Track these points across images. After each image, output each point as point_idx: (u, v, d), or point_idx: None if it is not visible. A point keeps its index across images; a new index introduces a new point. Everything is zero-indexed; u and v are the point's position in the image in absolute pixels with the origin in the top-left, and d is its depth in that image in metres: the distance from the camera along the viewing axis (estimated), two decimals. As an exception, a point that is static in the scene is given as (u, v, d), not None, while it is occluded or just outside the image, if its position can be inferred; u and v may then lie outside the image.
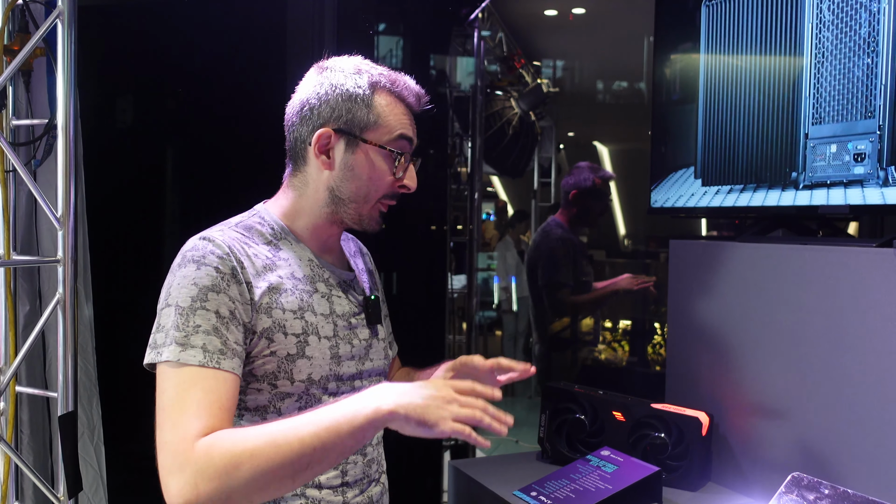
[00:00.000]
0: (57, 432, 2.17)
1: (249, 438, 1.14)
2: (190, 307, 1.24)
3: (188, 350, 1.21)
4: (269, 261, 1.36)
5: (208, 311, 1.24)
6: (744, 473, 1.75)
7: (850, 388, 1.52)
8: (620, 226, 8.48)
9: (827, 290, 1.58)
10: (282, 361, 1.32)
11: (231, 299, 1.27)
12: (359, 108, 1.37)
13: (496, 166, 5.27)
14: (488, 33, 5.05)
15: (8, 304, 2.31)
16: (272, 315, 1.31)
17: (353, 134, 1.38)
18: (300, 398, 1.35)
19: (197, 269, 1.27)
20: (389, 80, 1.40)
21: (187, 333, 1.22)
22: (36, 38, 2.08)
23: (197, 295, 1.25)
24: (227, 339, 1.25)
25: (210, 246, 1.29)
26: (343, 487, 1.40)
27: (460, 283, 5.04)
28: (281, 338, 1.32)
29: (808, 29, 1.68)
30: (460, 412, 1.16)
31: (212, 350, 1.23)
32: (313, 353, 1.35)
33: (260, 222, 1.42)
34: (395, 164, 1.39)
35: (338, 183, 1.40)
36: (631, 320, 5.34)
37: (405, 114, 1.42)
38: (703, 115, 1.97)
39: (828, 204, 1.67)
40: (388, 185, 1.41)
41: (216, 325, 1.24)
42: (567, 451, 1.88)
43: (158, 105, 3.00)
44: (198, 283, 1.26)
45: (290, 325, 1.33)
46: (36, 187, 2.11)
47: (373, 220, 1.43)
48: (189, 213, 2.96)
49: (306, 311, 1.36)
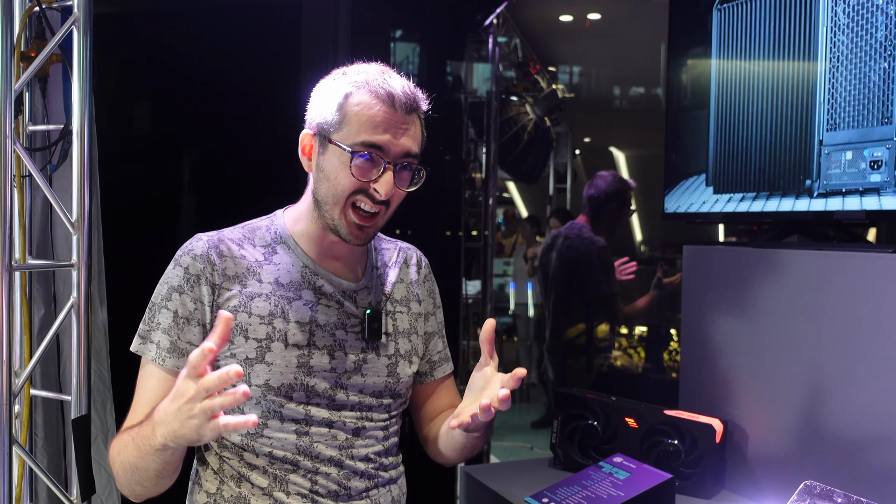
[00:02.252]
0: (71, 435, 2.18)
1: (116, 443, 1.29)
2: (159, 304, 1.37)
3: (146, 344, 1.36)
4: (255, 264, 1.40)
5: (169, 310, 1.36)
6: (757, 481, 1.73)
7: (866, 395, 1.50)
8: (637, 232, 8.45)
9: (843, 297, 1.56)
10: (240, 364, 1.34)
11: (194, 300, 1.35)
12: (329, 108, 1.35)
13: (511, 172, 5.25)
14: (504, 39, 5.05)
15: (23, 307, 2.32)
16: (237, 318, 1.36)
17: (322, 135, 1.36)
18: (259, 403, 1.36)
19: (173, 268, 1.38)
20: (367, 80, 1.35)
21: (150, 328, 1.36)
22: (52, 44, 2.10)
23: (166, 293, 1.37)
24: (177, 338, 1.35)
25: (193, 244, 1.39)
26: (312, 495, 1.39)
27: (475, 288, 5.03)
28: (241, 341, 1.36)
29: (823, 32, 1.66)
30: (205, 407, 1.05)
31: (162, 348, 1.35)
32: (274, 360, 1.36)
33: (267, 225, 1.46)
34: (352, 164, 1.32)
35: (316, 185, 1.39)
36: (647, 326, 5.31)
37: (380, 114, 1.33)
38: (714, 121, 1.94)
39: (843, 210, 1.64)
40: (350, 186, 1.33)
41: (171, 325, 1.35)
42: (579, 457, 1.87)
43: (174, 112, 3.02)
44: (169, 281, 1.38)
45: (253, 329, 1.36)
46: (51, 192, 2.13)
47: (345, 230, 1.37)
48: (203, 219, 2.97)
49: (277, 317, 1.37)
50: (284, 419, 1.37)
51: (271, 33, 3.02)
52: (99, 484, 2.38)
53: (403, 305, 1.53)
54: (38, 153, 2.35)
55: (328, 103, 1.36)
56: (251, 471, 1.38)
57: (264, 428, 1.37)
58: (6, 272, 1.95)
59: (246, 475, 1.38)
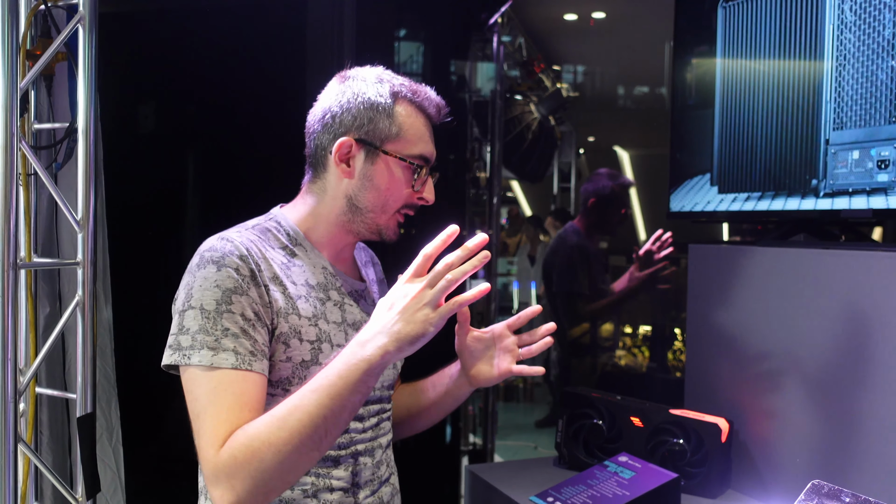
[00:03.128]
0: (76, 434, 2.18)
1: (262, 429, 1.17)
2: (216, 310, 1.24)
3: (220, 353, 1.22)
4: (284, 266, 1.36)
5: (234, 313, 1.25)
6: (763, 481, 1.73)
7: (872, 394, 1.50)
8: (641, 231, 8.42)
9: (849, 296, 1.55)
10: (296, 367, 1.32)
11: (253, 301, 1.27)
12: (380, 118, 1.37)
13: (515, 171, 5.24)
14: (508, 38, 5.04)
15: (28, 305, 2.32)
16: (289, 320, 1.31)
17: (373, 144, 1.38)
18: None
19: (217, 271, 1.26)
20: (411, 90, 1.40)
21: (217, 337, 1.23)
22: (57, 42, 2.10)
23: (221, 297, 1.25)
24: (255, 340, 1.26)
25: (229, 246, 1.29)
26: (354, 489, 1.40)
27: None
28: (297, 343, 1.32)
29: (829, 30, 1.65)
30: (436, 293, 1.17)
31: (242, 352, 1.24)
32: (326, 361, 1.34)
33: (276, 227, 1.42)
34: (415, 177, 1.40)
35: (356, 192, 1.40)
36: (651, 326, 5.30)
37: (425, 126, 1.42)
38: (719, 120, 1.94)
39: (850, 208, 1.64)
40: (406, 197, 1.41)
41: (244, 328, 1.25)
42: (584, 456, 1.86)
43: (179, 110, 3.02)
44: (220, 285, 1.25)
45: (305, 331, 1.33)
46: (56, 190, 2.13)
47: (390, 231, 1.44)
48: (208, 218, 2.98)
49: (320, 318, 1.36)
50: None
51: (276, 33, 3.02)
52: (104, 482, 2.38)
53: None
54: (44, 151, 2.35)
55: (376, 112, 1.38)
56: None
57: None
58: (11, 270, 1.95)
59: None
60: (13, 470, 1.99)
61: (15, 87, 1.95)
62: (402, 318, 1.17)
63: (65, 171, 2.33)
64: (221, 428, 1.19)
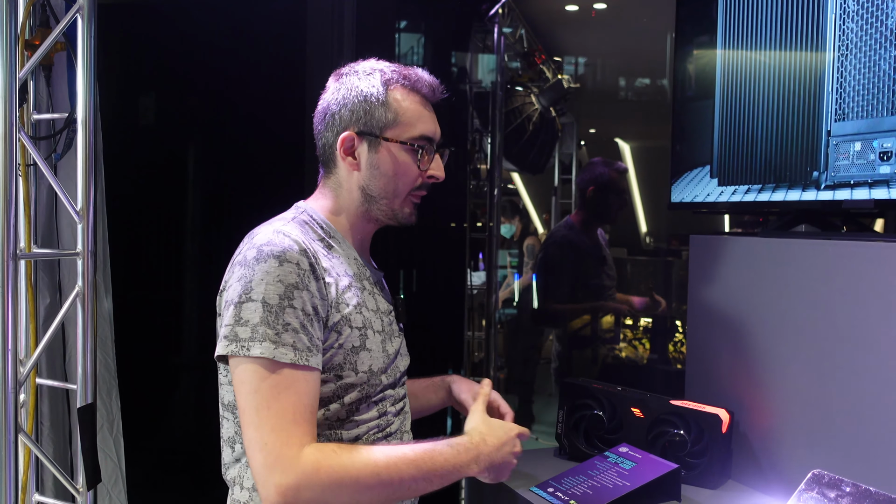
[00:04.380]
0: (76, 424, 2.19)
1: (356, 465, 1.25)
2: (279, 305, 1.27)
3: (280, 348, 1.25)
4: (327, 257, 1.40)
5: (295, 308, 1.28)
6: (764, 471, 1.73)
7: (873, 384, 1.49)
8: (642, 223, 8.41)
9: (850, 286, 1.55)
10: (347, 353, 1.36)
11: (312, 295, 1.30)
12: (375, 108, 1.42)
13: (516, 163, 5.23)
14: (509, 29, 5.02)
15: (29, 296, 2.33)
16: (340, 309, 1.36)
17: (373, 134, 1.43)
18: (362, 388, 1.39)
19: (280, 266, 1.29)
20: (402, 74, 1.45)
21: (278, 331, 1.26)
22: (56, 32, 2.09)
23: (284, 292, 1.27)
24: (312, 335, 1.29)
25: (287, 241, 1.32)
26: None
27: (480, 279, 5.02)
28: (347, 331, 1.36)
29: (832, 20, 1.64)
30: (516, 451, 1.42)
31: (301, 348, 1.27)
32: (372, 346, 1.40)
33: (310, 220, 1.46)
34: (419, 157, 1.45)
35: (367, 182, 1.45)
36: (651, 318, 5.30)
37: (422, 105, 1.46)
38: (719, 111, 1.93)
39: (852, 199, 1.63)
40: (415, 178, 1.46)
41: (303, 323, 1.28)
42: (585, 447, 1.86)
43: (178, 101, 3.01)
44: (283, 280, 1.28)
45: (353, 318, 1.38)
46: (56, 181, 2.12)
47: (405, 214, 1.48)
48: (208, 210, 2.97)
49: (363, 306, 1.41)
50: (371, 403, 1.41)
51: (277, 25, 3.01)
52: (105, 472, 2.39)
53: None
54: (43, 142, 2.35)
55: (370, 104, 1.43)
56: None
57: (354, 413, 1.39)
58: (11, 261, 1.95)
59: None
60: (14, 461, 1.99)
61: (14, 77, 1.94)
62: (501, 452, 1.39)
63: (64, 162, 2.33)
64: (294, 428, 1.23)
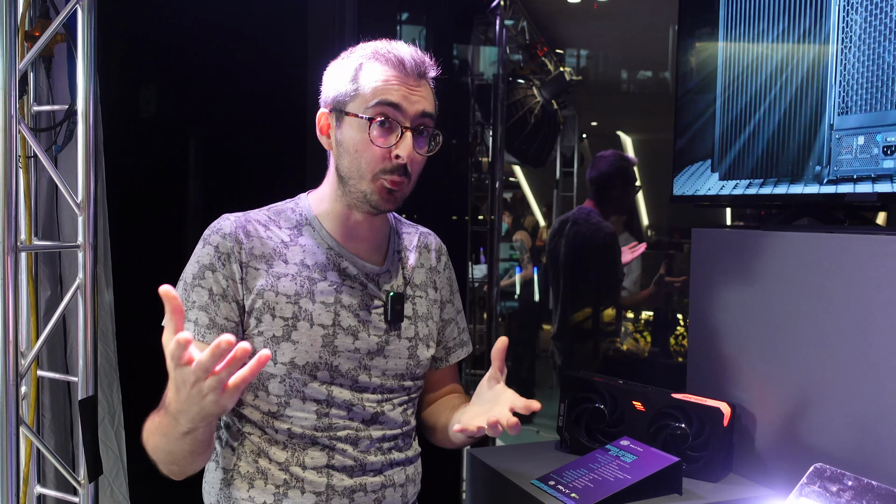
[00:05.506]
0: (77, 416, 2.19)
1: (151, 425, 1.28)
2: (191, 283, 1.37)
3: (185, 323, 1.29)
4: (281, 245, 1.41)
5: (203, 288, 1.36)
6: (766, 465, 1.73)
7: (875, 378, 1.49)
8: (644, 216, 8.40)
9: (853, 280, 1.55)
10: (267, 342, 1.37)
11: (225, 277, 1.36)
12: (341, 82, 1.39)
13: (518, 155, 5.23)
14: (511, 22, 5.01)
15: (29, 288, 2.32)
16: (263, 297, 1.37)
17: (338, 109, 1.38)
18: (283, 380, 1.38)
19: (202, 248, 1.39)
20: (374, 48, 1.38)
21: (186, 307, 1.34)
22: (56, 23, 2.08)
23: (197, 272, 1.37)
24: (215, 315, 1.35)
25: (221, 223, 1.40)
26: (329, 469, 1.42)
27: (482, 272, 5.02)
28: (269, 319, 1.37)
29: (835, 12, 1.63)
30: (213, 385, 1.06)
31: (201, 325, 1.35)
32: (300, 339, 1.38)
33: (293, 208, 1.47)
34: (369, 129, 1.33)
35: (338, 161, 1.41)
36: (653, 311, 5.30)
37: (392, 78, 1.35)
38: (720, 105, 1.91)
39: (855, 192, 1.62)
40: (380, 157, 1.35)
41: (207, 302, 1.36)
42: (586, 440, 1.86)
43: (180, 92, 3.00)
44: (200, 261, 1.38)
45: (280, 308, 1.37)
46: (57, 173, 2.12)
47: (377, 198, 1.37)
48: (209, 201, 2.97)
49: (303, 297, 1.39)
50: (306, 399, 1.39)
51: (278, 16, 3.00)
52: (106, 464, 2.39)
53: (422, 290, 1.56)
54: (43, 134, 2.34)
55: (340, 79, 1.39)
56: (271, 446, 1.41)
57: (286, 407, 1.39)
58: (12, 253, 1.95)
59: (265, 450, 1.41)
60: (15, 452, 1.99)
61: (14, 69, 1.93)
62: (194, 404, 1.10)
63: (65, 154, 2.32)
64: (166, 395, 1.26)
